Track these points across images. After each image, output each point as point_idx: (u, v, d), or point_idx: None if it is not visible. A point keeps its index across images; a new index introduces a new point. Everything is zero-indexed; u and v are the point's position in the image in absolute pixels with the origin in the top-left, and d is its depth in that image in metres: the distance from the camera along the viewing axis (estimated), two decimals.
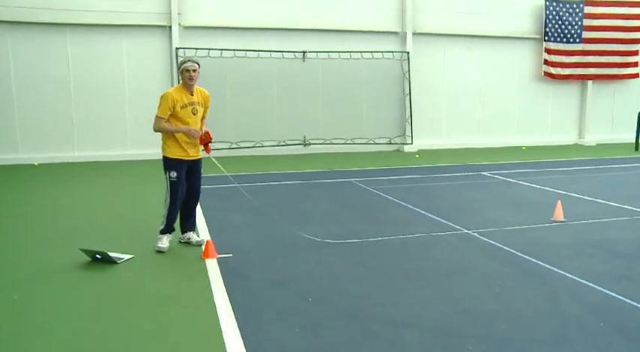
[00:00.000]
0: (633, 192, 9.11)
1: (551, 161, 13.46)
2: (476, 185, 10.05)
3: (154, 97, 13.91)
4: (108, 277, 5.04)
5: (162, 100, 5.60)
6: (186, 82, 5.61)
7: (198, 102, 5.74)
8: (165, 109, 5.57)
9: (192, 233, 6.09)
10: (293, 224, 6.88)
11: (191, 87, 5.65)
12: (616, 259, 5.50)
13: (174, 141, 5.69)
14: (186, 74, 5.55)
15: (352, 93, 15.55)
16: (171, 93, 5.62)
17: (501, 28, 16.64)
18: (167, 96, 5.58)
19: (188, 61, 5.59)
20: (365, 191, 9.42)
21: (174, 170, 5.70)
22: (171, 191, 5.74)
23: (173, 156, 5.70)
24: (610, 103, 18.21)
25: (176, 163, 5.71)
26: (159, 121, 5.63)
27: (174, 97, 5.57)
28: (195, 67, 5.57)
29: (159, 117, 5.62)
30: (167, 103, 5.55)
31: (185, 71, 5.55)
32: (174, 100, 5.56)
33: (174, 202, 5.77)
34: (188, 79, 5.57)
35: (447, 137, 16.70)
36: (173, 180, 5.71)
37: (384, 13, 15.66)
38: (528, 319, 4.03)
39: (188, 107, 5.65)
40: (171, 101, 5.55)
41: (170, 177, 5.71)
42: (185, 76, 5.57)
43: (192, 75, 5.55)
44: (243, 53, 14.10)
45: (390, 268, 5.26)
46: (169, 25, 13.90)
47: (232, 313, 4.16)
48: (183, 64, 5.58)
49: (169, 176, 5.71)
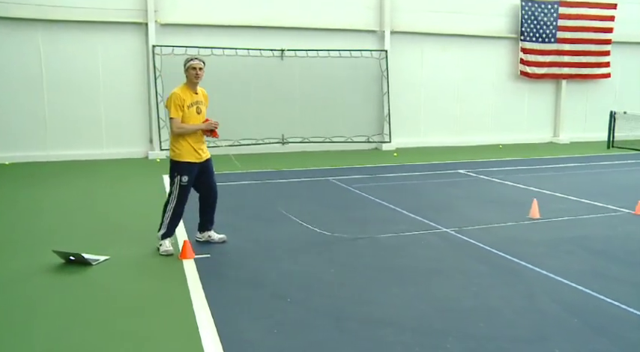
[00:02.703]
0: (607, 190, 9.27)
1: (527, 159, 13.62)
2: (453, 183, 10.12)
3: (130, 96, 14.05)
4: (83, 279, 4.94)
5: (170, 101, 5.53)
6: (192, 80, 5.58)
7: (201, 102, 5.72)
8: (177, 109, 5.50)
9: (212, 231, 6.01)
10: (271, 223, 6.84)
11: (195, 85, 5.63)
12: (592, 257, 5.57)
13: (186, 144, 5.56)
14: (192, 72, 5.53)
15: (330, 91, 15.53)
16: (178, 92, 5.56)
17: (478, 27, 16.79)
18: (175, 95, 5.52)
19: (195, 59, 5.58)
20: (344, 190, 9.41)
21: (186, 174, 5.58)
22: (179, 195, 5.59)
23: (185, 159, 5.57)
24: (583, 102, 18.52)
25: (188, 167, 5.60)
26: (175, 123, 5.51)
27: (182, 96, 5.53)
28: (202, 65, 5.56)
29: (174, 119, 5.51)
30: (177, 102, 5.50)
31: (191, 69, 5.53)
32: (183, 99, 5.52)
33: (180, 206, 5.64)
34: (194, 77, 5.54)
35: (425, 135, 16.79)
36: (183, 185, 5.58)
37: (363, 12, 15.67)
38: (507, 317, 4.06)
39: (193, 106, 5.62)
40: (180, 100, 5.50)
41: (181, 182, 5.57)
42: (191, 73, 5.54)
43: (199, 73, 5.53)
44: (220, 51, 13.95)
45: (367, 267, 5.25)
46: (145, 22, 13.70)
47: (210, 314, 4.11)
48: (190, 62, 5.56)
49: (180, 180, 5.56)
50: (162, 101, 13.79)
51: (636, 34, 18.59)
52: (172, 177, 5.62)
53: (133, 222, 7.18)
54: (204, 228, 6.02)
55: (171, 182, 5.63)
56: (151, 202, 8.38)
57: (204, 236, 6.02)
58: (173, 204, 5.61)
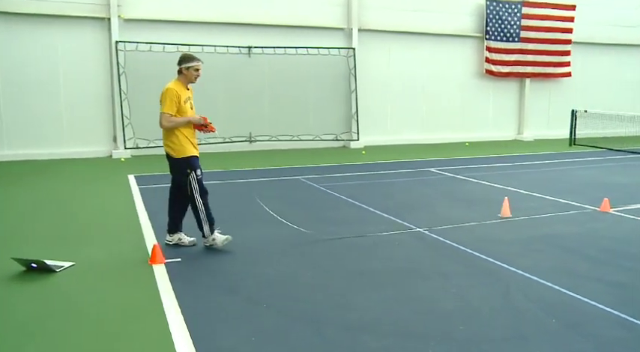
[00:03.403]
0: (571, 187, 9.46)
1: (494, 157, 13.81)
2: (423, 182, 10.16)
3: (92, 93, 13.62)
4: (46, 288, 4.71)
5: (165, 96, 5.48)
6: (191, 80, 5.64)
7: (191, 97, 5.78)
8: (172, 105, 5.48)
9: (182, 233, 5.88)
10: (242, 225, 6.71)
11: (193, 83, 5.72)
12: (563, 255, 5.64)
13: (185, 139, 5.59)
14: (195, 73, 5.60)
15: (298, 89, 15.42)
16: (174, 88, 5.53)
17: (445, 26, 16.94)
18: (170, 90, 5.49)
19: (197, 60, 5.58)
20: (314, 189, 9.33)
21: (199, 167, 5.63)
22: (200, 190, 5.62)
23: (190, 154, 5.60)
24: (546, 101, 18.93)
25: (196, 160, 5.64)
26: (166, 118, 5.48)
27: (177, 92, 5.51)
28: (201, 66, 5.62)
29: (165, 114, 5.47)
30: (173, 98, 5.48)
31: (194, 70, 5.58)
32: (178, 95, 5.51)
33: (205, 197, 5.66)
34: (195, 78, 5.63)
35: (393, 133, 16.85)
36: (199, 177, 5.61)
37: (330, 9, 15.60)
38: (486, 318, 4.05)
39: (187, 102, 5.65)
40: (176, 96, 5.48)
41: (197, 176, 5.59)
42: (193, 74, 5.60)
43: (200, 73, 5.63)
44: (186, 48, 13.61)
45: (344, 269, 5.18)
46: (108, 17, 13.28)
47: (184, 322, 3.96)
48: (192, 62, 5.55)
49: (195, 175, 5.58)
50: (126, 98, 13.43)
51: (594, 34, 19.09)
52: (186, 176, 5.57)
53: (99, 225, 6.93)
54: (177, 228, 5.84)
55: (186, 181, 5.58)
56: (117, 204, 8.14)
57: (174, 238, 5.85)
58: (199, 199, 5.61)
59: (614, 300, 4.37)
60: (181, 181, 5.62)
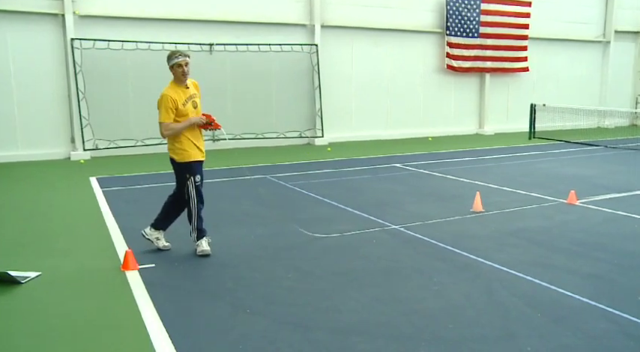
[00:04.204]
0: (537, 180, 9.64)
1: (458, 151, 13.98)
2: (392, 178, 10.17)
3: (47, 93, 13.08)
4: (12, 301, 4.44)
5: (160, 104, 5.27)
6: (180, 78, 5.35)
7: (195, 95, 5.50)
8: (168, 112, 5.23)
9: (163, 234, 5.68)
10: (214, 227, 6.52)
11: (184, 81, 5.35)
12: (538, 248, 5.71)
13: (189, 143, 5.39)
14: (179, 70, 5.29)
15: (261, 86, 15.22)
16: (169, 94, 5.27)
17: (407, 21, 17.05)
18: (164, 97, 5.25)
19: (179, 56, 5.29)
20: (283, 187, 9.21)
21: (198, 173, 5.47)
22: (197, 195, 5.48)
23: (193, 159, 5.42)
24: (505, 95, 19.33)
25: (197, 166, 5.48)
26: (164, 127, 5.27)
27: (173, 97, 5.26)
28: (188, 61, 5.34)
29: (163, 124, 5.26)
30: (168, 105, 5.23)
31: (177, 66, 5.28)
32: (174, 100, 5.25)
33: (201, 204, 5.53)
34: (181, 75, 5.32)
35: (357, 129, 16.87)
36: (198, 184, 5.47)
37: (292, 5, 15.46)
38: (472, 316, 4.03)
39: (188, 102, 5.39)
40: (172, 102, 5.24)
41: (195, 182, 5.44)
42: (178, 71, 5.31)
43: (186, 69, 5.31)
44: (146, 45, 13.28)
45: (324, 270, 5.09)
46: (62, 13, 12.76)
47: (165, 331, 3.80)
48: (175, 59, 5.27)
49: (194, 181, 5.43)
50: (83, 98, 12.95)
51: (550, 30, 19.61)
52: (184, 180, 5.42)
53: (64, 231, 6.64)
54: (162, 227, 5.66)
55: (184, 185, 5.43)
56: (81, 208, 7.82)
57: (152, 235, 5.61)
58: (195, 205, 5.47)
59: (593, 292, 4.44)
60: (181, 185, 5.48)
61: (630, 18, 21.35)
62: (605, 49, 21.10)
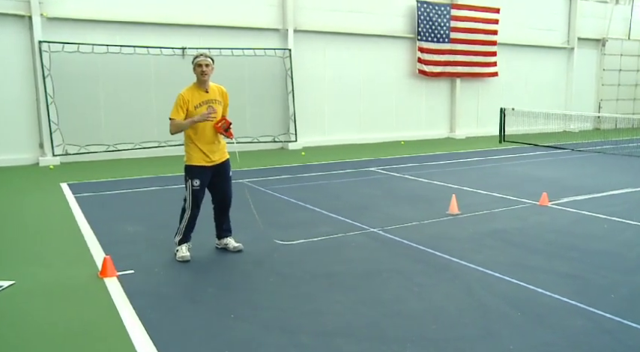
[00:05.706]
0: (509, 182, 9.84)
1: (430, 155, 14.18)
2: (366, 181, 10.25)
3: (14, 96, 12.77)
4: None
5: (175, 102, 5.32)
6: (199, 78, 5.37)
7: (215, 100, 5.48)
8: (178, 110, 5.29)
9: (229, 238, 5.79)
10: (194, 232, 6.46)
11: (205, 83, 5.41)
12: (514, 249, 5.84)
13: (194, 147, 5.43)
14: (199, 69, 5.33)
15: (234, 91, 14.83)
16: (183, 93, 5.33)
17: (379, 26, 17.22)
18: (178, 96, 5.34)
19: (201, 56, 5.35)
20: (259, 192, 9.18)
21: (197, 178, 5.46)
22: (193, 199, 5.48)
23: (196, 163, 5.45)
24: (475, 100, 19.69)
25: (199, 171, 5.46)
26: (170, 123, 5.36)
27: (186, 97, 5.31)
28: (209, 62, 5.36)
29: (170, 119, 5.35)
30: (179, 103, 5.29)
31: (197, 66, 5.34)
32: (187, 100, 5.29)
33: (195, 210, 5.52)
34: (200, 75, 5.34)
35: (330, 133, 16.94)
36: (195, 188, 5.47)
37: (265, 10, 15.46)
38: (455, 316, 4.09)
39: (203, 105, 5.37)
40: (183, 101, 5.29)
41: (193, 185, 5.46)
42: (197, 71, 5.36)
43: (205, 70, 5.32)
44: (117, 49, 13.07)
45: (305, 274, 5.10)
46: (29, 15, 12.47)
47: (149, 339, 3.74)
48: (196, 59, 5.33)
49: (192, 184, 5.46)
50: (52, 102, 12.68)
51: (517, 36, 20.07)
52: (185, 182, 5.47)
53: (37, 238, 6.48)
54: (221, 235, 5.82)
55: (185, 186, 5.47)
56: (53, 214, 7.65)
57: (221, 243, 5.84)
58: (189, 209, 5.48)
59: (569, 291, 4.56)
60: (185, 187, 5.54)
61: (592, 26, 22.04)
62: (569, 56, 21.72)
